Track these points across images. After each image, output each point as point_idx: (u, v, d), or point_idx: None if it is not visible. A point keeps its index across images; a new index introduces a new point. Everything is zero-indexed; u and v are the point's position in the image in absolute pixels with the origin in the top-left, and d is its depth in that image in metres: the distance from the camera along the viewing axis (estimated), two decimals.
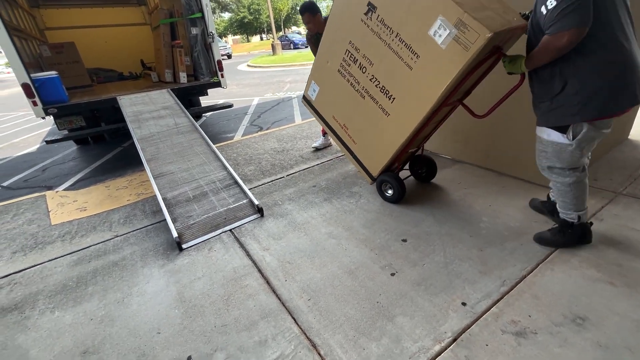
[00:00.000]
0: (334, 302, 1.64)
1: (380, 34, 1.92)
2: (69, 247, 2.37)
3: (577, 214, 1.72)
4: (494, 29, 1.50)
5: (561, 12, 1.30)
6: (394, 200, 2.44)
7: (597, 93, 1.42)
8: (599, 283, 1.56)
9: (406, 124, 2.05)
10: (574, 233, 1.76)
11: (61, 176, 4.00)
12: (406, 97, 1.99)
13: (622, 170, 2.50)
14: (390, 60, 1.94)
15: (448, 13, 1.60)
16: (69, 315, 1.74)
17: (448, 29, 1.63)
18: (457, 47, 1.63)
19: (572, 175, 1.65)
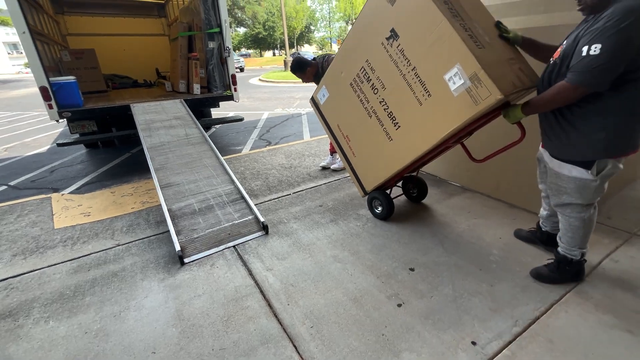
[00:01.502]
0: (338, 331, 1.57)
1: (398, 63, 1.93)
2: (70, 254, 2.34)
3: (581, 251, 1.71)
4: (505, 92, 1.50)
5: (594, 67, 1.31)
6: (382, 217, 2.53)
7: (624, 130, 1.43)
8: (616, 330, 1.49)
9: (406, 153, 2.07)
10: (571, 270, 1.75)
11: (68, 179, 4.01)
12: (411, 129, 2.00)
13: (636, 211, 2.45)
14: (403, 90, 1.95)
15: (466, 64, 1.61)
16: (63, 326, 1.69)
17: (463, 79, 1.63)
18: (467, 98, 1.64)
19: (587, 211, 1.63)
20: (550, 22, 2.10)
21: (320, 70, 3.11)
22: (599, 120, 1.43)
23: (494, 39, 1.74)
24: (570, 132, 1.53)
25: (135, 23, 7.10)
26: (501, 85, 1.52)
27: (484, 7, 1.90)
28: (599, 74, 1.31)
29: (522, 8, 2.26)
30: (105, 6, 6.69)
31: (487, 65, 1.55)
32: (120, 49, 6.90)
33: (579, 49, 1.35)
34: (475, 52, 1.58)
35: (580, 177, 1.55)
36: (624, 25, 1.23)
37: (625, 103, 1.39)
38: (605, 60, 1.29)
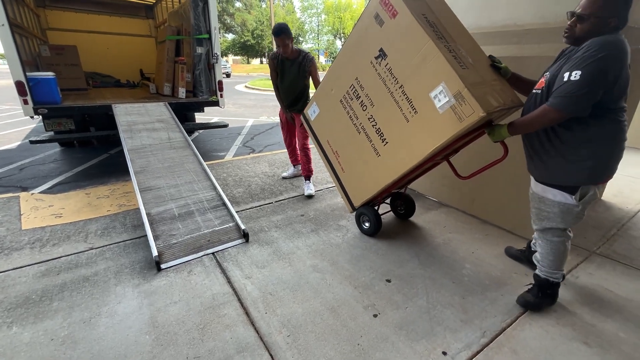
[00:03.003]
0: (314, 340, 1.59)
1: (386, 81, 2.02)
2: (38, 256, 2.24)
3: (562, 272, 1.77)
4: (487, 110, 1.60)
5: (575, 92, 1.39)
6: (370, 233, 2.55)
7: (607, 158, 1.52)
8: (575, 342, 1.59)
9: (393, 168, 2.13)
10: (552, 293, 1.79)
11: (39, 177, 3.84)
12: (398, 145, 2.08)
13: (595, 230, 2.64)
14: (390, 107, 2.03)
15: (450, 83, 1.70)
16: (27, 332, 1.61)
17: (447, 97, 1.73)
18: (452, 115, 1.73)
19: (566, 234, 1.71)
20: (521, 52, 2.27)
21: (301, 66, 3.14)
22: (586, 148, 1.50)
23: (477, 61, 1.85)
24: (556, 158, 1.57)
25: (121, 22, 6.97)
26: (483, 103, 1.62)
27: (468, 32, 2.03)
28: (577, 99, 1.40)
29: (497, 38, 2.43)
30: (90, 3, 6.54)
31: (470, 84, 1.66)
32: (103, 47, 6.75)
33: (561, 75, 1.44)
34: (459, 71, 1.68)
35: (565, 202, 1.59)
36: (601, 56, 1.34)
37: (608, 132, 1.48)
38: (584, 85, 1.37)
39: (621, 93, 1.43)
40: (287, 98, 3.27)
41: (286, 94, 3.26)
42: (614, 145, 1.51)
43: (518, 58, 2.26)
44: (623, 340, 1.61)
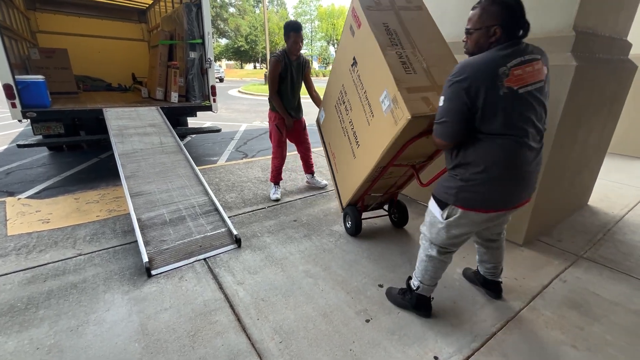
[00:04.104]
0: (307, 346, 1.58)
1: (357, 86, 2.14)
2: (24, 263, 2.19)
3: (419, 282, 1.72)
4: (414, 113, 1.64)
5: (438, 119, 1.40)
6: (350, 233, 2.64)
7: (476, 186, 1.39)
8: (563, 346, 1.62)
9: (361, 171, 2.21)
10: (412, 299, 1.77)
11: (26, 182, 3.77)
12: (363, 148, 2.17)
13: (583, 235, 2.69)
14: (360, 112, 2.13)
15: (390, 87, 1.77)
16: (12, 341, 1.57)
17: (388, 101, 1.80)
18: (391, 119, 1.79)
19: (433, 249, 1.64)
20: None
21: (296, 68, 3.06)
22: (459, 170, 1.43)
23: (435, 67, 1.88)
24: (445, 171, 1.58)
25: (113, 26, 6.93)
26: (413, 107, 1.66)
27: (443, 41, 2.04)
28: (440, 126, 1.38)
29: None
30: (81, 6, 6.50)
31: (406, 89, 1.71)
32: (94, 50, 6.69)
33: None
34: (400, 76, 1.74)
35: (434, 214, 1.56)
36: (457, 80, 1.28)
37: (480, 159, 1.36)
38: (443, 113, 1.35)
39: (492, 117, 1.28)
40: (294, 102, 3.17)
41: (294, 97, 3.15)
42: (490, 174, 1.36)
43: None
44: (610, 343, 1.64)
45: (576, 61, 2.04)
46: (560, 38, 2.11)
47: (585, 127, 2.51)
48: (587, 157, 2.82)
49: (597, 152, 2.97)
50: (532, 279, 2.11)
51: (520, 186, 1.42)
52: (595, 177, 3.20)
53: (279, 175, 3.43)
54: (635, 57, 2.94)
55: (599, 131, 2.77)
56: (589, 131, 2.60)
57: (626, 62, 2.73)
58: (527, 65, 1.28)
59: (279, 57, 2.94)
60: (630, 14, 2.67)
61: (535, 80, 1.30)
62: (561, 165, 2.46)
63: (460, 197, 1.43)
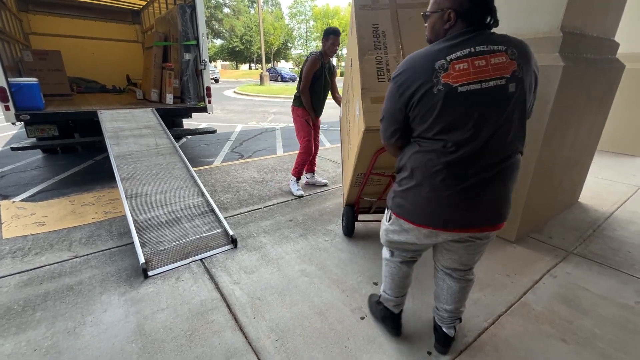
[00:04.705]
0: (302, 344, 1.61)
1: (351, 88, 2.19)
2: (20, 266, 2.19)
3: (382, 291, 1.63)
4: (369, 126, 1.67)
5: (380, 118, 1.29)
6: (343, 232, 2.66)
7: (413, 196, 1.23)
8: (553, 339, 1.66)
9: (347, 174, 2.28)
10: (380, 310, 1.68)
11: (20, 185, 3.75)
12: (350, 152, 2.20)
13: (573, 231, 2.75)
14: (352, 114, 2.16)
15: (358, 95, 1.81)
16: (9, 343, 1.58)
17: (359, 109, 1.83)
18: (358, 127, 1.83)
19: (386, 251, 1.57)
20: None
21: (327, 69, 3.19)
22: (398, 172, 1.32)
23: None
24: None
25: (107, 27, 6.90)
26: (369, 119, 1.67)
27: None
28: (381, 125, 1.29)
29: None
30: (75, 8, 6.46)
31: (370, 98, 1.74)
32: (88, 52, 6.66)
33: None
34: (369, 85, 1.77)
35: (385, 217, 1.47)
36: (395, 75, 1.17)
37: (409, 164, 1.22)
38: (382, 110, 1.26)
39: (423, 119, 1.12)
40: (323, 101, 3.34)
41: (324, 96, 3.32)
42: (415, 183, 1.20)
43: None
44: (598, 337, 1.68)
45: (564, 61, 2.08)
46: (548, 39, 2.16)
47: (574, 125, 2.56)
48: (577, 155, 2.87)
49: (587, 150, 3.03)
50: (523, 275, 2.16)
51: (460, 207, 1.15)
52: (586, 174, 3.26)
53: (302, 171, 3.56)
54: (623, 56, 3.00)
55: (589, 129, 2.83)
56: (578, 130, 2.65)
57: (614, 62, 2.79)
58: (478, 58, 1.05)
59: (317, 56, 3.08)
60: (618, 14, 2.73)
61: (490, 76, 1.05)
62: (551, 163, 2.50)
63: (394, 202, 1.31)
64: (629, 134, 4.92)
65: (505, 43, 1.08)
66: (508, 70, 1.06)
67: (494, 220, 1.20)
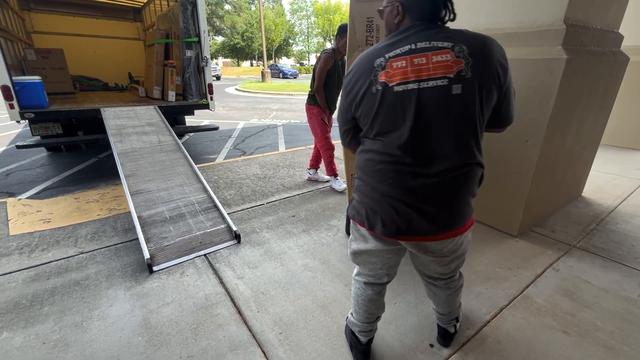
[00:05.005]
0: (306, 337, 1.63)
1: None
2: (27, 262, 2.22)
3: (350, 312, 1.49)
4: None
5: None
6: (346, 229, 2.66)
7: (360, 197, 1.17)
8: (555, 332, 1.67)
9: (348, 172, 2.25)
10: (348, 334, 1.54)
11: (26, 183, 3.79)
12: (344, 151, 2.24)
13: (576, 225, 2.74)
14: None
15: None
16: (18, 337, 1.61)
17: None
18: None
19: (355, 268, 1.45)
20: None
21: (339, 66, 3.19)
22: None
23: None
24: None
25: (108, 25, 6.92)
26: None
27: None
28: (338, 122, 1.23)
29: None
30: (76, 6, 6.48)
31: None
32: (90, 50, 6.68)
33: None
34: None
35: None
36: (346, 74, 1.13)
37: (361, 167, 1.15)
38: (337, 111, 1.22)
39: (364, 120, 1.08)
40: (337, 98, 3.33)
41: (337, 94, 3.31)
42: (365, 184, 1.13)
43: None
44: (600, 329, 1.69)
45: (567, 54, 2.07)
46: (551, 31, 2.15)
47: (578, 119, 2.55)
48: (580, 149, 2.86)
49: (591, 144, 3.02)
50: (525, 269, 2.16)
51: (401, 213, 1.06)
52: (589, 168, 3.25)
53: (334, 166, 3.52)
54: (627, 48, 2.98)
55: (592, 123, 2.82)
56: (582, 123, 2.64)
57: (618, 54, 2.76)
58: (418, 55, 0.97)
59: (330, 53, 3.08)
60: (622, 6, 2.70)
61: (430, 76, 0.95)
62: (554, 157, 2.50)
63: (351, 206, 1.23)
64: (633, 128, 4.88)
65: (454, 39, 0.97)
66: (452, 69, 0.95)
67: (441, 229, 1.08)
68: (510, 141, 2.38)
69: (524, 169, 2.37)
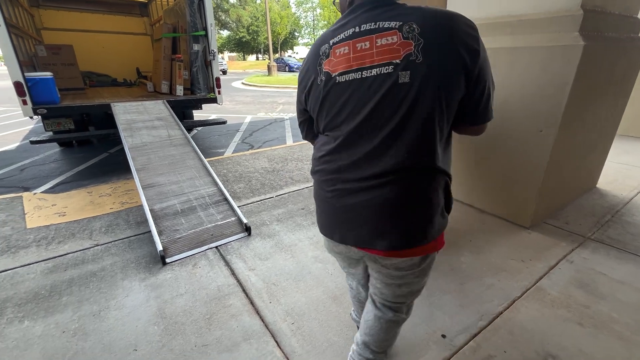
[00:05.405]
0: (318, 327, 1.64)
1: None
2: (45, 254, 2.28)
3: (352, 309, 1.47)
4: None
5: None
6: None
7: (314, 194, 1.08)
8: (569, 323, 1.65)
9: None
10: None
11: (40, 178, 3.87)
12: None
13: (590, 217, 2.69)
14: None
15: None
16: (39, 326, 1.66)
17: None
18: None
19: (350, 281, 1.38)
20: (514, 43, 2.30)
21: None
22: None
23: None
24: None
25: (116, 20, 6.95)
26: None
27: None
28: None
29: (491, 29, 2.46)
30: (84, 2, 6.51)
31: None
32: (98, 46, 6.73)
33: None
34: None
35: None
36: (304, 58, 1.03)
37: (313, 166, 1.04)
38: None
39: (313, 113, 0.99)
40: None
41: None
42: (315, 181, 1.03)
43: (512, 49, 2.29)
44: (615, 320, 1.66)
45: (584, 40, 2.01)
46: (568, 17, 2.08)
47: (594, 108, 2.49)
48: (596, 139, 2.79)
49: (606, 134, 2.94)
50: (538, 260, 2.14)
51: (333, 217, 0.97)
52: (604, 159, 3.17)
53: None
54: None
55: (608, 112, 2.74)
56: (598, 112, 2.57)
57: (636, 41, 2.67)
58: (361, 39, 0.83)
59: None
60: None
61: (373, 62, 0.82)
62: (568, 147, 2.44)
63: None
64: None
65: (403, 18, 0.80)
66: (399, 53, 0.79)
67: (372, 243, 0.91)
68: (523, 131, 2.33)
69: (537, 160, 2.33)
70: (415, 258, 0.96)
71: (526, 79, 2.25)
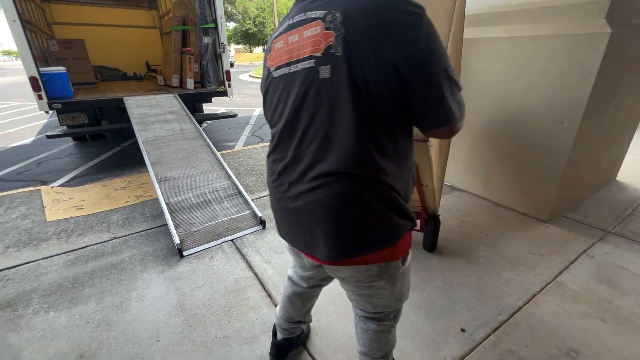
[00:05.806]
0: (336, 320, 1.65)
1: None
2: (65, 246, 2.33)
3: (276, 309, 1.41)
4: None
5: None
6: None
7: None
8: (591, 319, 1.63)
9: None
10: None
11: (56, 171, 3.94)
12: None
13: (611, 210, 2.63)
14: None
15: None
16: (64, 316, 1.70)
17: None
18: None
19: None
20: (536, 32, 2.23)
21: None
22: None
23: None
24: None
25: (125, 14, 6.95)
26: None
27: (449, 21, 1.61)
28: None
29: (512, 17, 2.39)
30: None
31: None
32: (108, 40, 6.75)
33: None
34: None
35: None
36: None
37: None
38: None
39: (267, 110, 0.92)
40: None
41: None
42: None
43: (533, 38, 2.22)
44: (639, 316, 1.63)
45: (611, 28, 1.93)
46: (595, 3, 2.00)
47: (618, 99, 2.41)
48: (618, 131, 2.71)
49: (629, 126, 2.85)
50: (558, 255, 2.10)
51: (286, 222, 0.91)
52: (625, 151, 3.08)
53: None
54: None
55: (632, 103, 2.65)
56: (621, 103, 2.49)
57: None
58: (292, 32, 0.78)
59: None
60: None
61: (300, 55, 0.75)
62: (590, 139, 2.38)
63: None
64: None
65: (329, 5, 0.71)
66: (319, 46, 0.71)
67: (311, 249, 0.87)
68: (543, 122, 2.28)
69: (557, 152, 2.27)
70: (372, 268, 0.88)
71: (548, 69, 2.18)
